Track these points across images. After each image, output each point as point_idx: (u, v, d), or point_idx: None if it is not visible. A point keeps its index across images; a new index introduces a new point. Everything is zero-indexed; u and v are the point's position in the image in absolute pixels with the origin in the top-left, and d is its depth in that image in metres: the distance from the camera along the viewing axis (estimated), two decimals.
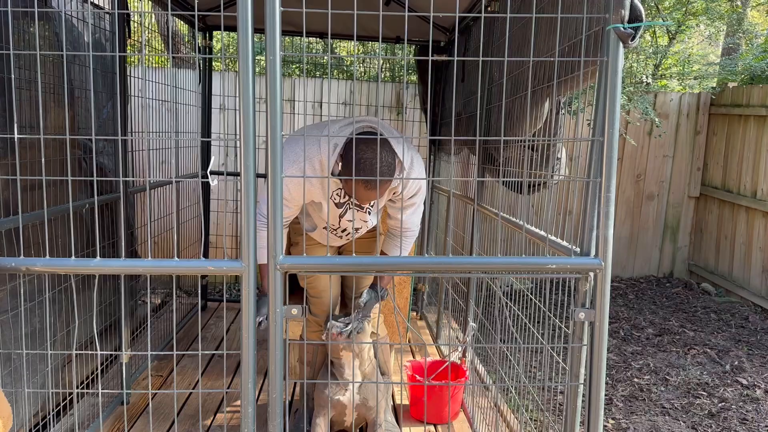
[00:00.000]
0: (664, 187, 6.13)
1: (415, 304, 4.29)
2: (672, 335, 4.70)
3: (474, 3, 3.00)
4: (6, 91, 2.08)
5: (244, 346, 1.46)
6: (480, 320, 2.85)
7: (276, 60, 1.30)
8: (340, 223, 2.41)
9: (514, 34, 2.32)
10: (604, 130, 1.37)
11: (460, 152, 3.59)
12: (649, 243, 6.22)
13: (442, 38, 3.85)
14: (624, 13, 1.31)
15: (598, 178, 1.40)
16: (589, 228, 1.43)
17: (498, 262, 1.41)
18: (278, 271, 1.43)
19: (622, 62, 1.37)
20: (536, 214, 5.05)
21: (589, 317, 1.43)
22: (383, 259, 1.46)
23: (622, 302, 5.51)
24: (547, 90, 1.85)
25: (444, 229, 3.79)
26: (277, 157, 1.38)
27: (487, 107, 2.66)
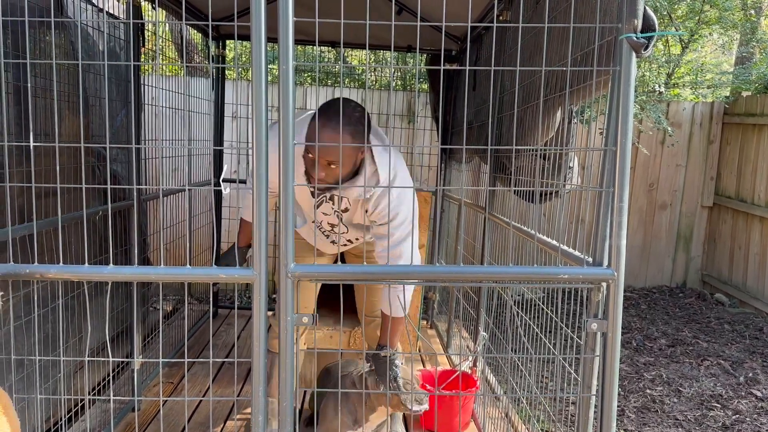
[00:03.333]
0: (677, 197, 6.09)
1: (425, 313, 4.28)
2: (685, 346, 4.66)
3: (486, 12, 3.00)
4: (22, 100, 2.11)
5: (254, 354, 1.46)
6: (491, 330, 2.84)
7: (289, 69, 1.31)
8: (316, 215, 2.30)
9: (526, 43, 2.32)
10: (617, 139, 1.37)
11: (471, 161, 3.59)
12: (662, 253, 6.17)
13: (454, 47, 3.85)
14: (637, 22, 1.31)
15: (611, 188, 1.39)
16: (601, 238, 1.42)
17: (510, 272, 1.41)
18: (289, 279, 1.43)
19: (635, 72, 1.37)
20: (548, 223, 5.02)
21: (602, 328, 1.42)
22: (394, 268, 1.46)
23: (634, 312, 5.46)
24: (560, 99, 1.85)
25: (455, 238, 3.78)
26: (289, 164, 1.39)
27: (499, 116, 2.65)
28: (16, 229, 2.06)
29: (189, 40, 3.58)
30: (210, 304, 4.23)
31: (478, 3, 2.94)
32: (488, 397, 2.91)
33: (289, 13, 1.30)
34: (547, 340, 1.94)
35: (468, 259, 3.81)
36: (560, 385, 3.49)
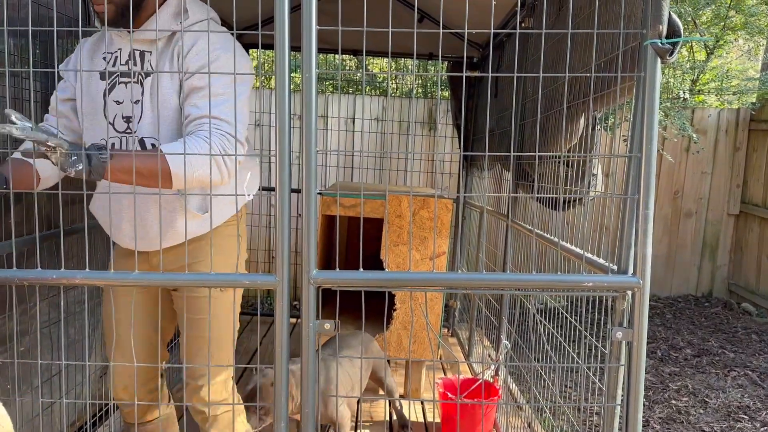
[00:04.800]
0: (702, 205, 6.00)
1: (446, 321, 4.26)
2: (711, 356, 4.57)
3: (508, 19, 3.00)
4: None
5: (277, 360, 1.46)
6: (513, 338, 2.81)
7: (312, 78, 1.32)
8: (107, 112, 1.74)
9: (549, 49, 2.31)
10: (642, 146, 1.35)
11: (492, 168, 3.57)
12: (687, 261, 6.08)
13: (475, 54, 3.85)
14: (662, 28, 1.30)
15: (636, 195, 1.37)
16: (626, 245, 1.41)
17: (533, 279, 1.40)
18: (312, 285, 1.43)
19: (660, 78, 1.35)
20: (571, 230, 4.98)
21: (627, 337, 1.40)
22: (417, 274, 1.46)
23: (659, 321, 5.38)
24: (583, 105, 1.84)
25: (476, 245, 3.77)
26: (311, 172, 1.39)
27: (521, 122, 2.64)
28: (42, 235, 2.10)
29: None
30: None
31: (500, 10, 2.93)
32: (510, 406, 2.89)
33: (312, 24, 1.31)
34: (571, 349, 1.92)
35: (489, 267, 3.79)
36: (584, 395, 3.45)
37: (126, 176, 1.48)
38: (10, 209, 2.01)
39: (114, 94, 1.72)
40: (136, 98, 1.70)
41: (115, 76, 1.72)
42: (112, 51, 1.75)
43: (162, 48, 1.72)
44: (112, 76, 1.72)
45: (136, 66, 1.71)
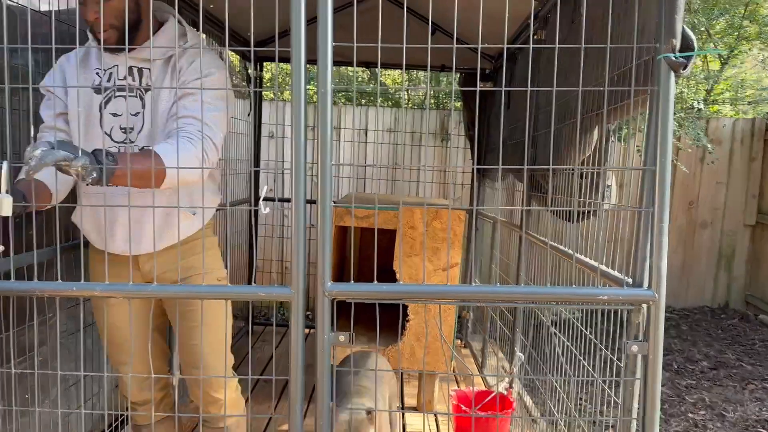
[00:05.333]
0: (717, 215, 5.95)
1: (459, 332, 4.25)
2: (728, 369, 4.52)
3: (520, 31, 3.01)
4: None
5: (292, 372, 1.47)
6: (527, 350, 2.80)
7: (327, 93, 1.33)
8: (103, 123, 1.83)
9: (562, 62, 2.32)
10: (657, 159, 1.35)
11: (505, 178, 3.58)
12: (703, 272, 6.02)
13: (488, 66, 3.86)
14: (675, 42, 1.30)
15: (651, 208, 1.37)
16: (641, 258, 1.41)
17: (547, 293, 1.40)
18: (326, 297, 1.44)
19: (674, 91, 1.36)
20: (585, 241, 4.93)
21: (642, 350, 1.39)
22: (431, 287, 1.46)
23: (675, 333, 5.33)
24: (597, 118, 1.84)
25: (489, 256, 3.76)
26: (326, 186, 1.41)
27: (534, 134, 2.65)
28: (63, 246, 2.13)
29: (227, 61, 3.66)
30: (249, 322, 4.28)
31: (513, 22, 2.95)
32: (525, 419, 2.87)
33: (328, 39, 1.33)
34: (586, 361, 1.91)
35: (503, 278, 3.78)
36: (599, 408, 3.42)
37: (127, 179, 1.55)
38: (31, 221, 2.04)
39: (111, 107, 1.83)
40: (136, 110, 1.83)
41: (110, 90, 1.83)
42: (107, 67, 1.85)
43: (161, 65, 1.85)
44: (107, 90, 1.83)
45: (135, 81, 1.83)
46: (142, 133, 1.83)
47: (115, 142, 1.83)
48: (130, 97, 1.82)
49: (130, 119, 1.82)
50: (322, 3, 1.34)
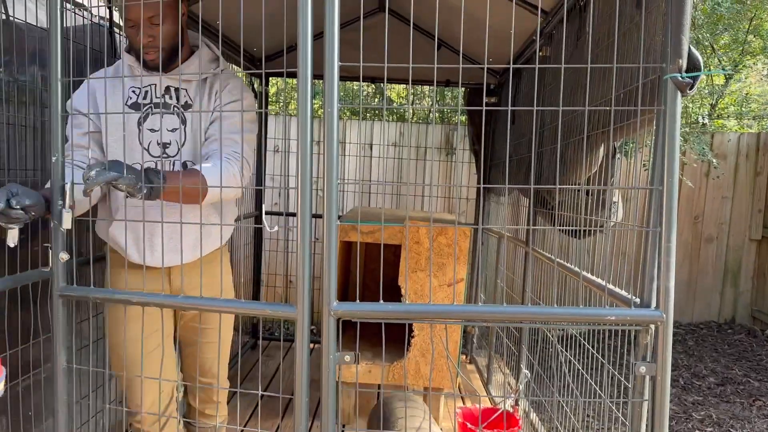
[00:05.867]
0: (723, 230, 5.92)
1: (464, 347, 4.23)
2: (735, 385, 4.48)
3: (525, 47, 3.02)
4: None
5: (297, 389, 1.47)
6: (533, 367, 2.78)
7: (334, 112, 1.34)
8: (142, 138, 1.95)
9: (567, 78, 2.32)
10: (664, 179, 1.35)
11: (510, 193, 3.57)
12: (709, 287, 5.99)
13: (493, 81, 3.87)
14: (682, 62, 1.30)
15: (658, 228, 1.37)
16: (649, 278, 1.40)
17: (554, 313, 1.39)
18: (332, 317, 1.44)
19: (680, 110, 1.35)
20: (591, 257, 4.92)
21: (651, 371, 1.38)
22: (436, 307, 1.46)
23: (681, 349, 5.30)
24: (602, 135, 1.84)
25: (495, 272, 3.75)
26: (332, 199, 1.40)
27: (539, 150, 2.64)
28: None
29: None
30: (260, 335, 4.27)
31: (518, 38, 2.95)
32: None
33: (334, 59, 1.33)
34: (593, 379, 1.90)
35: (509, 294, 3.77)
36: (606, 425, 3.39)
37: (175, 196, 1.69)
38: (38, 237, 2.05)
39: (148, 122, 1.94)
40: (174, 127, 1.96)
41: (147, 107, 1.95)
42: (142, 86, 1.96)
43: (196, 86, 2.00)
44: (145, 107, 1.95)
45: (172, 99, 1.97)
46: (184, 148, 1.97)
47: (152, 156, 1.95)
48: (167, 114, 1.96)
49: (167, 135, 1.96)
50: (329, 21, 1.35)
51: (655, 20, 1.46)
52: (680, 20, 1.31)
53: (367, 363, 3.13)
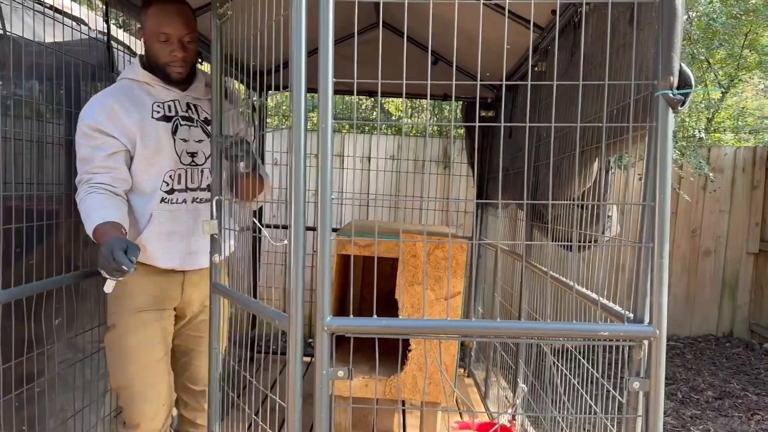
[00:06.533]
0: (720, 243, 5.93)
1: (462, 360, 4.21)
2: (734, 399, 4.47)
3: (521, 62, 3.04)
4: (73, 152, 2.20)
5: (289, 403, 1.46)
6: (530, 381, 2.78)
7: (328, 128, 1.34)
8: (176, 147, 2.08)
9: (563, 93, 2.33)
10: (656, 195, 1.35)
11: (507, 206, 3.58)
12: (707, 300, 5.98)
13: (489, 95, 3.89)
14: (673, 80, 1.31)
15: (651, 244, 1.37)
16: (642, 294, 1.40)
17: (548, 328, 1.39)
18: (325, 332, 1.44)
19: (673, 126, 1.36)
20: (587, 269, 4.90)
21: (644, 387, 1.38)
22: (432, 322, 1.46)
23: (679, 362, 5.28)
24: (596, 151, 1.85)
25: (492, 285, 3.75)
26: (326, 212, 1.41)
27: (535, 164, 2.65)
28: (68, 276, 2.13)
29: (232, 90, 3.70)
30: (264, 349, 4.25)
31: (514, 54, 2.97)
32: None
33: (329, 75, 1.34)
34: (588, 392, 1.89)
35: (505, 307, 3.77)
36: None
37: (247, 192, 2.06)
38: (32, 252, 2.05)
39: (180, 133, 2.08)
40: (199, 138, 2.13)
41: (175, 119, 2.08)
42: (166, 100, 2.09)
43: (208, 103, 2.18)
44: (173, 120, 2.08)
45: (194, 114, 2.14)
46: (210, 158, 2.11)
47: (183, 164, 2.09)
48: (192, 128, 2.12)
49: (195, 145, 2.11)
50: (323, 36, 1.36)
51: (647, 37, 1.47)
52: (671, 38, 1.32)
53: (363, 377, 3.12)
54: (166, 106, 2.08)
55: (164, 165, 2.05)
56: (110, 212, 1.87)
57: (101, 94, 2.03)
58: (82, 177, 1.95)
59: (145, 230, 2.01)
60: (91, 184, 1.92)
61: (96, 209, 1.86)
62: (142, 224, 2.02)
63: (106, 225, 1.82)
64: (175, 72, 2.05)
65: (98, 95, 2.03)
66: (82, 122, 1.96)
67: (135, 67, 2.09)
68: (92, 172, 1.94)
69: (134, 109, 2.01)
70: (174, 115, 2.08)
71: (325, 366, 1.42)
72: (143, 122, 2.01)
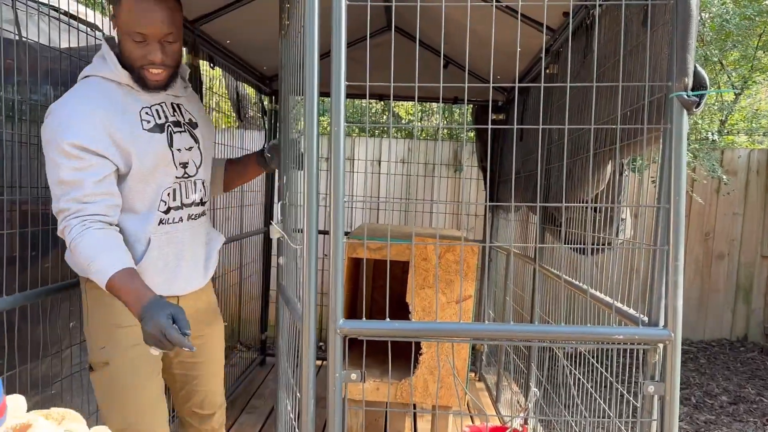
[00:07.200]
0: (734, 246, 5.88)
1: (473, 364, 4.20)
2: (748, 404, 4.42)
3: (533, 64, 3.03)
4: None
5: (303, 406, 1.46)
6: (542, 385, 2.76)
7: (340, 131, 1.35)
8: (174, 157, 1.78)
9: (575, 95, 2.33)
10: (670, 197, 1.34)
11: (519, 210, 3.57)
12: (721, 304, 5.93)
13: (501, 98, 3.89)
14: (687, 81, 1.30)
15: (666, 246, 1.36)
16: (657, 296, 1.39)
17: (561, 332, 1.38)
18: (338, 335, 1.44)
19: (687, 129, 1.35)
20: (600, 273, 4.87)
21: (659, 391, 1.37)
22: (443, 325, 1.45)
23: (693, 367, 5.24)
24: (610, 153, 1.84)
25: (503, 288, 3.74)
26: (339, 215, 1.41)
27: (547, 167, 2.65)
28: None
29: (243, 95, 3.72)
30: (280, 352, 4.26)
31: (526, 56, 2.97)
32: None
33: (341, 79, 1.34)
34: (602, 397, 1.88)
35: (517, 311, 3.75)
36: None
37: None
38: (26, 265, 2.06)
39: (176, 143, 1.80)
40: (190, 145, 1.84)
41: (167, 126, 1.79)
42: (152, 104, 1.78)
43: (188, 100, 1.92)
44: (165, 127, 1.78)
45: (181, 117, 1.86)
46: (201, 167, 1.88)
47: (176, 178, 1.80)
48: (183, 134, 1.83)
49: (186, 154, 1.82)
50: (336, 40, 1.36)
51: (661, 38, 1.46)
52: (685, 38, 1.31)
53: (375, 380, 3.11)
54: (154, 111, 1.77)
55: (162, 182, 1.77)
56: (119, 255, 1.62)
57: (77, 100, 1.66)
58: (68, 206, 1.62)
59: (144, 258, 1.74)
60: (84, 217, 1.62)
61: (102, 252, 1.59)
62: (139, 251, 1.74)
63: (123, 278, 1.58)
64: (152, 79, 1.71)
65: (72, 101, 1.66)
66: (60, 138, 1.60)
67: (110, 63, 1.71)
68: (82, 201, 1.62)
69: (123, 120, 1.69)
70: (164, 122, 1.77)
71: (338, 369, 1.42)
72: (135, 135, 1.70)
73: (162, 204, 1.77)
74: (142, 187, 1.73)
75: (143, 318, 1.55)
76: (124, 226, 1.72)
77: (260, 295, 4.38)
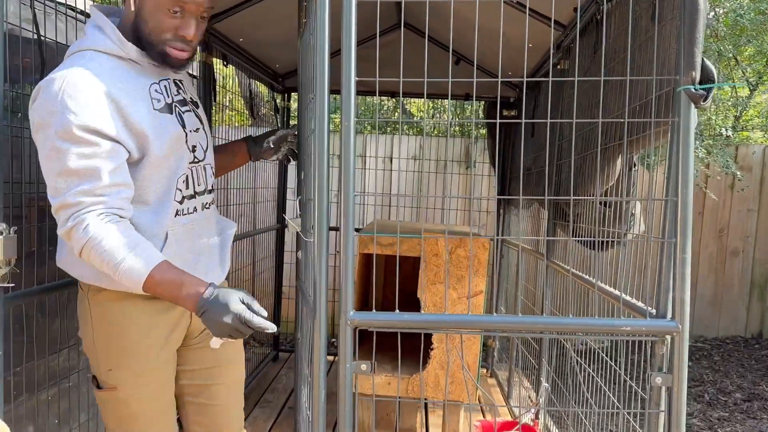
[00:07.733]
0: (749, 243, 5.83)
1: (485, 360, 4.21)
2: (763, 401, 4.40)
3: (543, 60, 3.04)
4: None
5: (314, 400, 1.49)
6: (553, 380, 2.77)
7: (350, 127, 1.37)
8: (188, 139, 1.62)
9: (586, 91, 2.33)
10: (678, 190, 1.35)
11: (530, 206, 3.57)
12: (735, 301, 5.89)
13: (512, 94, 3.89)
14: (695, 74, 1.31)
15: (673, 239, 1.37)
16: (665, 289, 1.40)
17: (570, 323, 1.39)
18: (349, 326, 1.46)
19: (695, 122, 1.36)
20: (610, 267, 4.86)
21: (667, 382, 1.38)
22: (454, 317, 1.47)
23: (706, 364, 5.21)
24: (619, 148, 1.85)
25: (515, 284, 3.75)
26: (350, 211, 1.43)
27: (558, 162, 2.65)
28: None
29: (256, 92, 3.75)
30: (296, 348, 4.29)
31: (536, 52, 2.97)
32: None
33: (351, 75, 1.37)
34: (612, 391, 1.89)
35: (528, 306, 3.76)
36: None
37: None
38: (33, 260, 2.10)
39: (188, 123, 1.64)
40: (197, 126, 1.67)
41: (174, 106, 1.62)
42: (159, 80, 1.60)
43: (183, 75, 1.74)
44: (173, 107, 1.61)
45: (186, 95, 1.70)
46: (207, 150, 1.72)
47: (189, 163, 1.65)
48: (189, 113, 1.67)
49: (194, 136, 1.65)
50: (346, 37, 1.39)
51: (669, 33, 1.47)
52: (693, 32, 1.32)
53: (386, 375, 3.14)
54: (163, 88, 1.60)
55: (177, 168, 1.60)
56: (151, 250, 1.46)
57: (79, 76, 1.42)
58: (78, 200, 1.40)
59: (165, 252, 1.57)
60: (102, 212, 1.43)
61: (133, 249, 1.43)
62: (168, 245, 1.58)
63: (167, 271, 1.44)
64: (178, 57, 1.54)
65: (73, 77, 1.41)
66: (65, 120, 1.38)
67: (112, 34, 1.51)
68: (97, 194, 1.42)
69: (136, 98, 1.50)
70: (171, 101, 1.60)
71: (349, 359, 1.45)
72: (151, 116, 1.52)
73: (177, 193, 1.59)
74: (157, 175, 1.55)
75: (209, 309, 1.40)
76: (137, 221, 1.52)
77: (273, 291, 4.41)
